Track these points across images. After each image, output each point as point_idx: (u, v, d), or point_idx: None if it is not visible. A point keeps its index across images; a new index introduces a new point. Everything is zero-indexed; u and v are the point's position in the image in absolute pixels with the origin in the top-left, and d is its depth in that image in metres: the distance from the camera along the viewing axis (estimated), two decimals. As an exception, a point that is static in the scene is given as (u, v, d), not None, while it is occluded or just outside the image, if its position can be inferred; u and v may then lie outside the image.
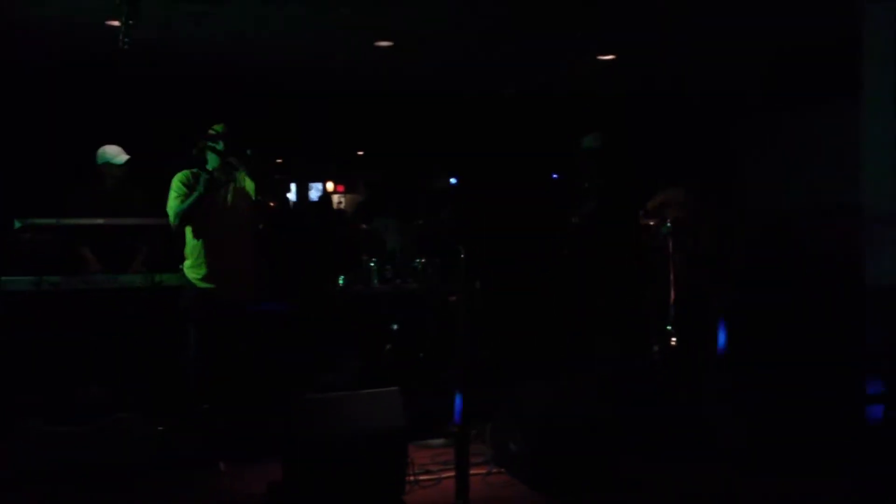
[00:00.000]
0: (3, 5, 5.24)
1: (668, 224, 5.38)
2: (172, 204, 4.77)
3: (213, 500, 4.00)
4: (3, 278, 5.09)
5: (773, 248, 6.89)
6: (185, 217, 4.75)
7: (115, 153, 5.75)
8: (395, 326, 6.04)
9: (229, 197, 4.85)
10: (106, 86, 7.15)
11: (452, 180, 9.90)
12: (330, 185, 12.48)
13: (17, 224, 5.01)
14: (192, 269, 4.84)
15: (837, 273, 5.90)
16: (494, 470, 4.35)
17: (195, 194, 4.71)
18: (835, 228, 6.58)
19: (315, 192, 11.90)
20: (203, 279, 4.81)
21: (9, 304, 5.03)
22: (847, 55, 5.15)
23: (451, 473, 3.88)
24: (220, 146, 4.78)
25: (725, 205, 6.08)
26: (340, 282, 5.59)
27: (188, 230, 4.83)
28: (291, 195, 11.03)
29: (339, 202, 11.52)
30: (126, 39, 5.27)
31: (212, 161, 4.82)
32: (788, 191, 8.11)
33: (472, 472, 3.87)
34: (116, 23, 5.22)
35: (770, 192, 8.45)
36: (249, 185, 4.87)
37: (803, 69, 7.03)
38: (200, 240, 4.81)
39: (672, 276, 5.30)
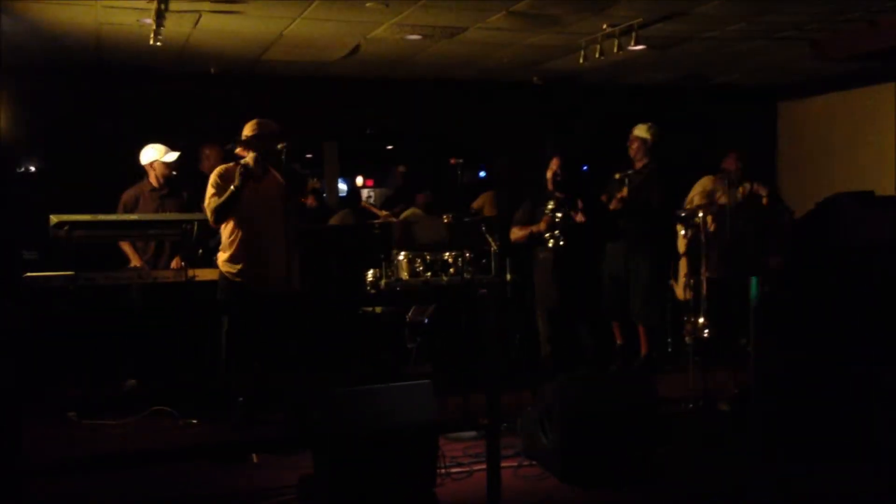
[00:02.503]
0: (35, 6, 5.31)
1: (700, 215, 5.33)
2: (210, 201, 4.78)
3: (245, 492, 4.03)
4: (40, 274, 5.19)
5: (817, 237, 6.81)
6: (220, 213, 4.76)
7: (163, 151, 5.82)
8: (426, 320, 6.04)
9: (265, 191, 4.79)
10: (139, 84, 7.23)
11: (481, 174, 9.88)
12: (359, 180, 12.52)
13: (54, 220, 5.08)
14: (227, 262, 4.86)
15: (880, 261, 5.82)
16: (526, 463, 4.34)
17: (229, 190, 4.71)
18: (878, 216, 6.50)
19: (344, 186, 11.93)
20: (238, 273, 4.83)
21: (46, 298, 5.11)
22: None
23: (483, 466, 3.88)
24: (253, 142, 4.75)
25: (767, 195, 6.03)
26: (370, 276, 5.61)
27: (225, 224, 4.83)
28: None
29: (369, 196, 11.54)
30: (159, 37, 5.34)
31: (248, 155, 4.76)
32: (833, 179, 8.01)
33: (503, 464, 3.86)
34: (148, 20, 5.29)
35: (814, 180, 8.36)
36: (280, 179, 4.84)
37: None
38: (236, 233, 4.82)
39: (704, 267, 5.26)
